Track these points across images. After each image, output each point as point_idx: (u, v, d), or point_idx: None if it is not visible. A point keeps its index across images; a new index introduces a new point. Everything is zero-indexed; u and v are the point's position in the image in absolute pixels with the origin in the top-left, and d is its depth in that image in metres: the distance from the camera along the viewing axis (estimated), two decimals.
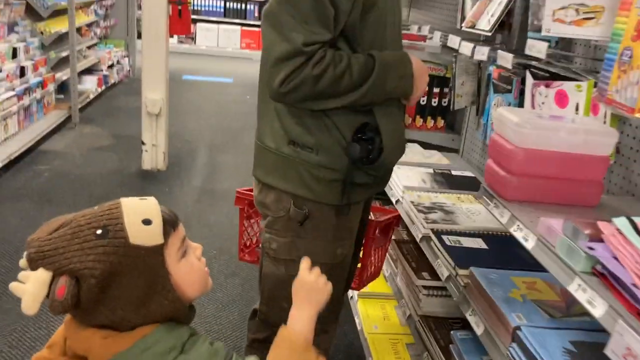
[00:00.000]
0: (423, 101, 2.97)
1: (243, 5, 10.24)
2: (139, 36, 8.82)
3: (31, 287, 0.96)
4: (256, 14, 10.31)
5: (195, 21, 9.74)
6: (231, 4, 10.21)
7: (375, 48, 1.44)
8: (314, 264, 1.19)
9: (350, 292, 2.73)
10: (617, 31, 1.38)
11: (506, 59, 1.75)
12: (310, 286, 1.17)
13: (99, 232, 0.99)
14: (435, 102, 2.98)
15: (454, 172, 2.45)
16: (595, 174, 1.38)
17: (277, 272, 1.57)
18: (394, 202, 2.29)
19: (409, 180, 2.31)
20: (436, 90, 2.92)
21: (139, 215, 1.02)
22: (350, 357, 2.49)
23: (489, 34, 1.96)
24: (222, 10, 10.16)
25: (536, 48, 1.55)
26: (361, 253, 1.99)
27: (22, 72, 4.70)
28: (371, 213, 1.95)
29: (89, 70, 6.35)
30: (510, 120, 1.38)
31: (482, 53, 1.92)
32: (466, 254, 1.73)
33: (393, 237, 2.27)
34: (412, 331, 2.01)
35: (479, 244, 1.82)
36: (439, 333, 1.84)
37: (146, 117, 4.42)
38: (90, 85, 6.21)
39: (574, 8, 1.57)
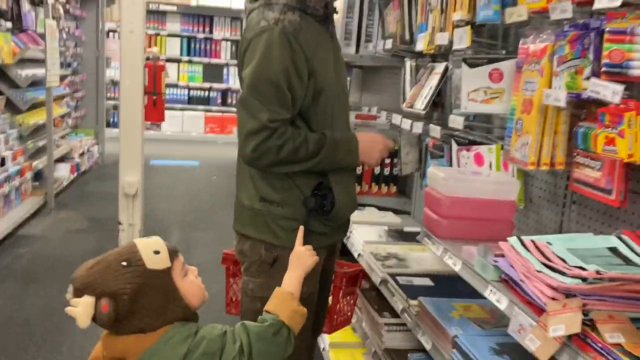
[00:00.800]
0: (377, 170, 3.41)
1: (206, 93, 10.83)
2: (107, 125, 9.29)
3: (82, 309, 1.29)
4: (219, 101, 10.91)
5: None
6: (195, 92, 10.78)
7: (325, 125, 1.84)
8: None
9: (322, 344, 3.03)
10: (512, 107, 1.85)
11: (436, 131, 2.20)
12: (301, 254, 1.61)
13: (124, 263, 1.34)
14: (387, 171, 3.43)
15: (405, 229, 2.86)
16: (505, 214, 1.80)
17: (254, 307, 1.87)
18: (356, 255, 2.66)
19: (368, 236, 2.71)
20: (387, 160, 3.38)
21: (150, 248, 1.37)
22: None
23: (423, 112, 2.43)
24: (187, 97, 10.71)
25: (456, 121, 2.01)
26: (330, 300, 2.33)
27: (2, 161, 4.99)
28: (339, 267, 2.29)
29: (61, 159, 6.66)
30: (439, 176, 1.80)
31: (418, 127, 2.38)
32: (416, 290, 2.10)
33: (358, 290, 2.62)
34: None
35: (426, 282, 2.20)
36: (398, 359, 2.17)
37: (123, 198, 4.73)
38: (63, 172, 6.51)
39: (483, 90, 2.04)
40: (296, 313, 1.46)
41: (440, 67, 2.46)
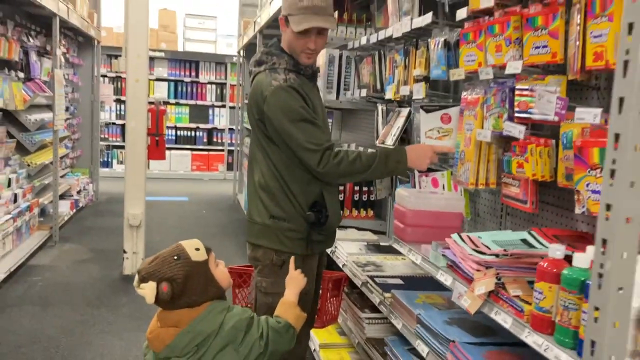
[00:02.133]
0: (356, 197, 3.99)
1: (193, 133, 11.41)
2: (101, 165, 9.76)
3: (148, 290, 1.81)
4: (205, 140, 11.48)
5: None
6: (182, 132, 11.35)
7: None
8: None
9: (313, 345, 3.55)
10: (457, 142, 2.45)
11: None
12: (295, 277, 2.11)
13: (175, 257, 1.86)
14: (365, 197, 4.01)
15: (381, 243, 3.42)
16: (455, 223, 2.38)
17: (267, 301, 2.40)
18: (341, 265, 3.21)
19: (350, 250, 3.27)
20: (365, 188, 3.96)
21: (193, 247, 1.89)
22: None
23: (392, 146, 3.02)
24: (174, 137, 11.26)
25: None
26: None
27: (15, 198, 5.47)
28: (326, 275, 2.83)
29: (62, 196, 7.12)
30: (403, 194, 2.38)
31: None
32: (390, 286, 2.66)
33: (344, 294, 3.15)
34: (360, 352, 2.85)
35: (398, 281, 2.76)
36: (377, 346, 2.70)
37: (127, 229, 5.24)
38: (64, 208, 6.97)
39: (437, 130, 2.65)
40: (299, 317, 1.99)
41: (405, 111, 3.07)
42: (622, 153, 0.98)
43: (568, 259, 1.49)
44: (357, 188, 4.01)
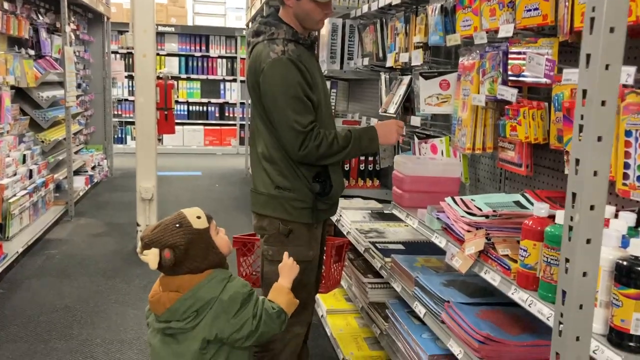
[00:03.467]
0: (362, 167, 4.03)
1: (204, 108, 11.46)
2: (115, 141, 9.88)
3: (152, 256, 1.86)
4: (217, 115, 11.53)
5: None
6: (194, 107, 11.41)
7: (318, 122, 2.41)
8: (297, 263, 2.14)
9: (320, 311, 3.63)
10: (455, 108, 2.47)
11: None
12: (288, 266, 2.12)
13: (177, 225, 1.92)
14: (371, 167, 4.05)
15: (385, 211, 3.46)
16: (452, 188, 2.41)
17: (273, 269, 2.46)
18: (345, 233, 3.27)
19: (354, 218, 3.32)
20: (370, 158, 3.99)
21: (194, 215, 1.94)
22: (326, 354, 3.35)
23: (394, 115, 3.05)
24: (186, 113, 11.33)
25: (415, 121, 2.63)
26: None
27: (30, 174, 5.59)
28: (330, 242, 2.88)
29: (76, 172, 7.25)
30: (401, 161, 2.41)
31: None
32: (390, 252, 2.71)
33: (348, 260, 3.22)
34: (364, 316, 2.92)
35: (399, 247, 2.81)
36: (380, 310, 2.77)
37: (140, 202, 5.34)
38: (79, 184, 7.10)
39: (436, 96, 2.66)
40: (292, 303, 2.02)
41: (406, 79, 3.08)
42: (589, 108, 1.01)
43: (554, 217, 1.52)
44: (362, 158, 4.04)
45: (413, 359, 2.23)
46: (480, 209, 1.87)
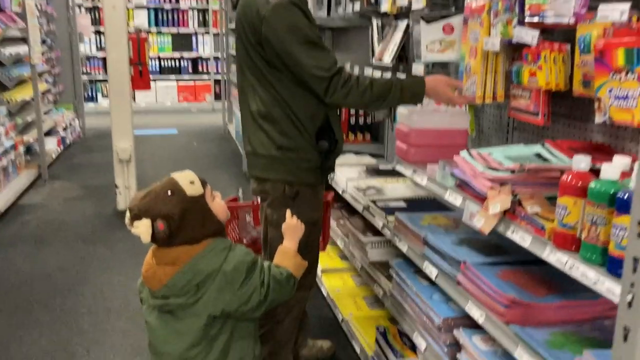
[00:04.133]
0: (352, 120, 3.85)
1: (177, 63, 11.04)
2: (86, 100, 9.48)
3: (143, 228, 1.68)
4: (190, 70, 11.13)
5: None
6: (166, 62, 10.98)
7: None
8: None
9: None
10: (462, 54, 2.29)
11: (402, 77, 2.64)
12: (293, 226, 1.96)
13: (169, 192, 1.72)
14: (361, 121, 3.87)
15: (380, 167, 3.31)
16: (460, 140, 2.26)
17: (278, 234, 2.29)
18: (340, 191, 3.12)
19: (349, 175, 3.16)
20: (362, 111, 3.81)
21: (187, 180, 1.75)
22: (323, 315, 3.25)
23: (390, 64, 2.86)
24: (158, 68, 10.91)
25: (417, 70, 2.45)
26: None
27: None
28: None
29: (48, 133, 6.92)
30: (406, 113, 2.24)
31: (387, 76, 2.81)
32: (392, 210, 2.57)
33: (344, 218, 3.08)
34: (364, 275, 2.80)
35: (400, 204, 2.67)
36: (382, 269, 2.65)
37: (117, 163, 5.10)
38: (51, 146, 6.79)
39: (438, 42, 2.48)
40: (300, 266, 1.87)
41: (402, 24, 2.88)
42: None
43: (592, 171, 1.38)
44: (352, 111, 3.86)
45: (424, 322, 2.13)
46: (501, 163, 1.73)
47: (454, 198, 1.88)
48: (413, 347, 2.42)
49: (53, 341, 3.04)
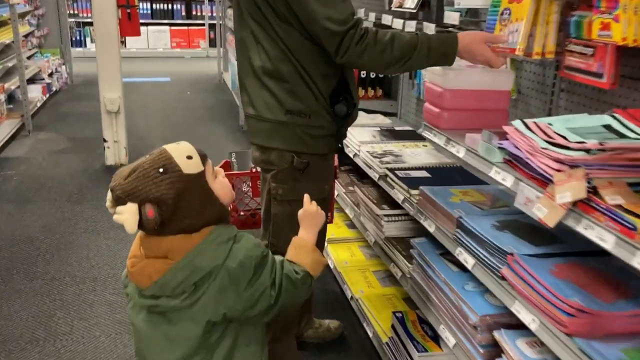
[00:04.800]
0: (363, 74, 3.48)
1: (169, 6, 10.47)
2: (73, 44, 8.97)
3: (128, 215, 1.32)
4: (183, 13, 10.57)
5: None
6: (158, 5, 10.40)
7: None
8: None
9: None
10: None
11: (430, 28, 2.27)
12: (312, 214, 1.62)
13: (161, 170, 1.37)
14: (373, 74, 3.50)
15: (396, 128, 2.97)
16: (501, 104, 1.93)
17: (283, 210, 1.99)
18: (352, 155, 2.79)
19: (362, 137, 2.82)
20: None
21: (183, 154, 1.39)
22: (329, 289, 2.98)
23: (414, 11, 2.48)
24: (150, 12, 10.35)
25: (452, 17, 2.08)
26: None
27: None
28: None
29: (31, 80, 6.49)
30: (438, 70, 1.89)
31: (411, 26, 2.43)
32: (415, 181, 2.25)
33: (354, 185, 2.76)
34: (379, 252, 2.51)
35: (423, 174, 2.35)
36: (400, 247, 2.35)
37: (106, 115, 4.73)
38: (36, 94, 6.38)
39: None
40: (319, 263, 1.54)
41: None
42: None
43: None
44: None
45: (454, 315, 1.84)
46: (565, 138, 1.40)
47: (502, 177, 1.55)
48: (435, 337, 2.15)
49: (34, 315, 2.76)
